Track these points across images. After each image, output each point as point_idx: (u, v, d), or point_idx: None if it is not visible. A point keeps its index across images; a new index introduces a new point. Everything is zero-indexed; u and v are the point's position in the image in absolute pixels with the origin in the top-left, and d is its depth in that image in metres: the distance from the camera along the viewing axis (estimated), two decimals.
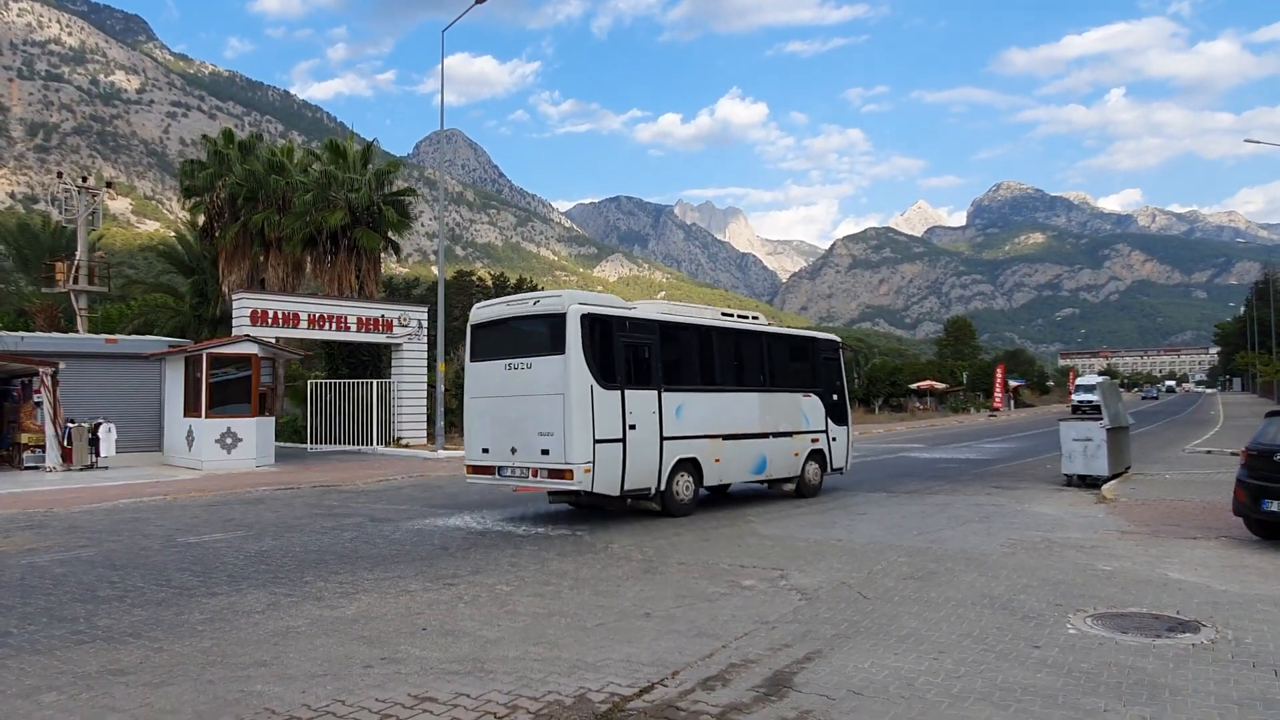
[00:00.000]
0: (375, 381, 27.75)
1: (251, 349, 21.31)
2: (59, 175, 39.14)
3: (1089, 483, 15.57)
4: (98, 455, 20.34)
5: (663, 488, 12.19)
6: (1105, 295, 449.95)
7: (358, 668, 5.48)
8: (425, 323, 28.97)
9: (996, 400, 65.38)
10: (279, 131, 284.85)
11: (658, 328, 12.72)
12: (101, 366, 22.02)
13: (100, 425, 20.41)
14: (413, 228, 35.28)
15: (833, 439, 15.65)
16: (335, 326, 26.74)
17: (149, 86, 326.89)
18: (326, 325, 26.55)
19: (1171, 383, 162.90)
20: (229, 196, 31.00)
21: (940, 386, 67.82)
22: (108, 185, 38.51)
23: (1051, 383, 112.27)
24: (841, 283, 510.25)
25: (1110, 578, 7.95)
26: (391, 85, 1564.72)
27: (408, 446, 26.97)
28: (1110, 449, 15.61)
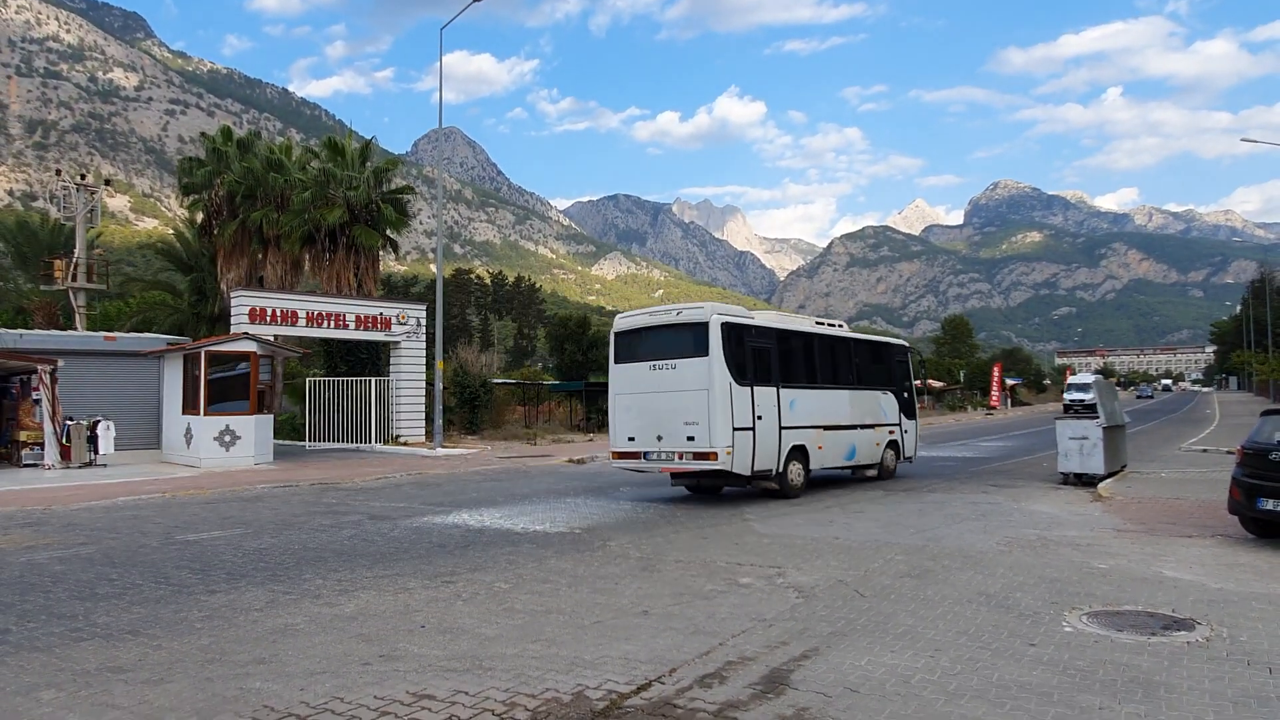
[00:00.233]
0: (373, 379, 27.71)
1: (250, 347, 21.32)
2: (57, 173, 39.02)
3: (1085, 481, 15.59)
4: (96, 453, 20.33)
5: (780, 470, 14.01)
6: (1102, 294, 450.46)
7: (356, 665, 5.49)
8: (424, 321, 28.98)
9: (993, 399, 65.53)
10: (277, 129, 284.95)
11: (775, 334, 14.82)
12: (100, 364, 22.01)
13: (99, 423, 20.40)
14: (411, 226, 35.30)
15: (905, 431, 17.92)
16: (334, 324, 26.72)
17: (147, 84, 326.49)
18: (325, 323, 26.53)
19: (1167, 381, 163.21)
20: (227, 194, 31.01)
21: (937, 385, 67.90)
22: (106, 183, 38.52)
23: (1048, 381, 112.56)
24: (839, 281, 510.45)
25: (1106, 576, 7.97)
26: (390, 83, 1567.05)
27: (406, 444, 26.98)
28: (1106, 447, 15.65)
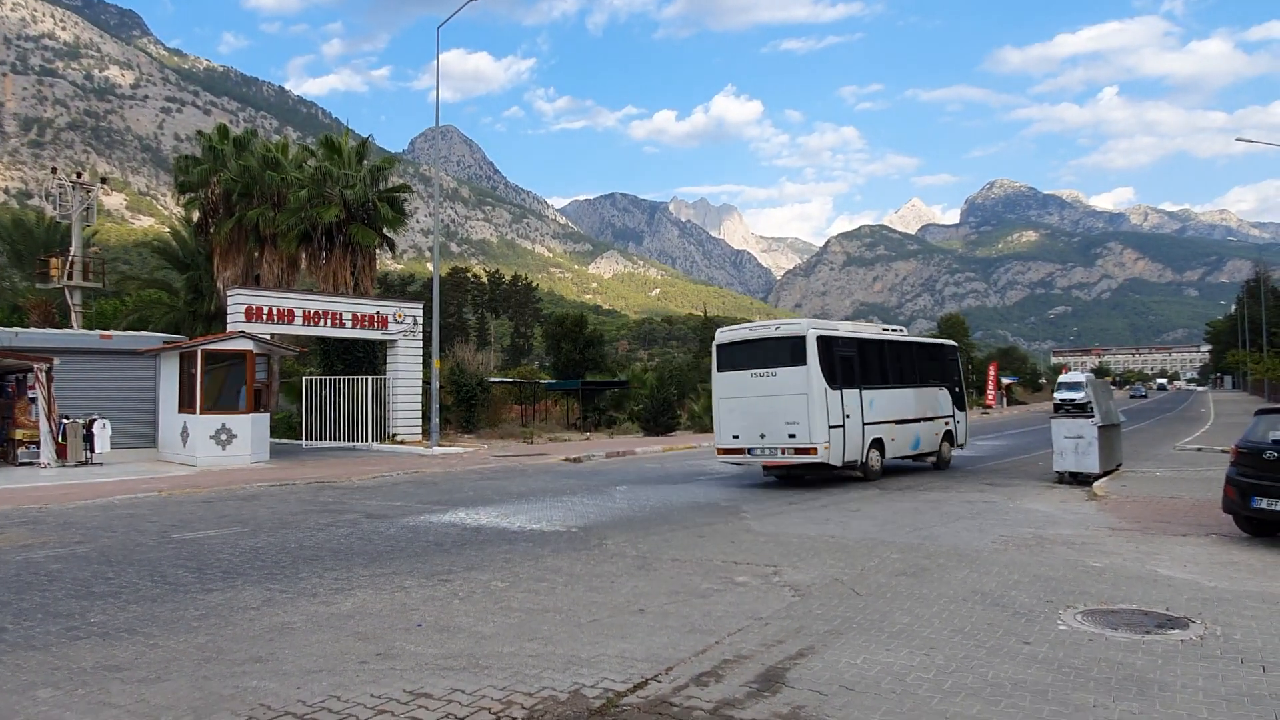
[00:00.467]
0: (370, 378, 27.67)
1: (246, 345, 21.28)
2: (53, 171, 38.86)
3: (1080, 480, 15.64)
4: (92, 451, 20.30)
5: (864, 460, 16.47)
6: (1097, 293, 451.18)
7: (353, 664, 5.50)
8: (420, 319, 28.95)
9: (989, 398, 65.54)
10: (274, 127, 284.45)
11: (856, 343, 17.13)
12: (96, 362, 21.95)
13: (95, 421, 20.37)
14: (408, 224, 35.23)
15: (957, 421, 20.06)
16: (330, 323, 26.69)
17: (143, 82, 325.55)
18: (321, 321, 26.49)
19: (1163, 380, 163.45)
20: (224, 192, 30.92)
21: None
22: (102, 181, 38.44)
23: (1044, 380, 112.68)
24: (836, 280, 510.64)
25: (1100, 574, 8.00)
26: (386, 81, 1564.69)
27: (403, 443, 26.97)
28: (1101, 446, 15.69)
